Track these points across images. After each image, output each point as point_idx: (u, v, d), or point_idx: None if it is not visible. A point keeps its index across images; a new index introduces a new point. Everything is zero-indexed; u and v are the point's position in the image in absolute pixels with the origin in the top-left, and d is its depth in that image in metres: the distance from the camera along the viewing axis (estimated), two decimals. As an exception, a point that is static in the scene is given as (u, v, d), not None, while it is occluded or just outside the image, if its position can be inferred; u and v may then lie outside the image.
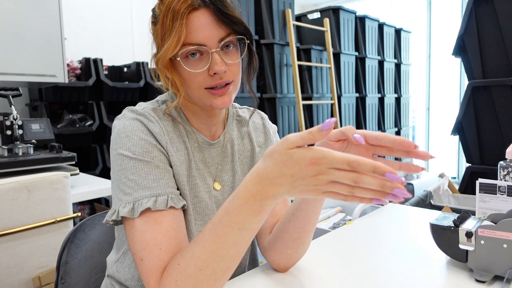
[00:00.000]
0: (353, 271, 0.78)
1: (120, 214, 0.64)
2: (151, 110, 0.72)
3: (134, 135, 0.68)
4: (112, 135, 0.71)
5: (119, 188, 0.66)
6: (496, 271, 0.70)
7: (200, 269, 0.57)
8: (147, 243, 0.62)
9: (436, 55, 4.62)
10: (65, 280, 0.88)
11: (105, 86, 2.59)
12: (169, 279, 0.59)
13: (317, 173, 0.46)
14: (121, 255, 0.78)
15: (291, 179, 0.48)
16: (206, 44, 0.66)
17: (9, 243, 1.11)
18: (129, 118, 0.70)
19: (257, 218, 0.54)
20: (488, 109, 2.19)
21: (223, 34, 0.67)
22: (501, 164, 0.88)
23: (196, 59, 0.68)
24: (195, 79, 0.68)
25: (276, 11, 3.07)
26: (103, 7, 2.99)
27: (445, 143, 4.60)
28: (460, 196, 2.41)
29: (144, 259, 0.62)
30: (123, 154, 0.67)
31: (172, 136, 0.73)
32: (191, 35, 0.65)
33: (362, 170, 0.44)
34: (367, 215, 1.16)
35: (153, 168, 0.67)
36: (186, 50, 0.66)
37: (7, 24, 1.71)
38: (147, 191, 0.65)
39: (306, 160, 0.46)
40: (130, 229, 0.64)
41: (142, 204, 0.63)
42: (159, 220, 0.64)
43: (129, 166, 0.66)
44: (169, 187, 0.67)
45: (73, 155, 1.70)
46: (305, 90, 3.34)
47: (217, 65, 0.66)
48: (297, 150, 0.48)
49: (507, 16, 2.06)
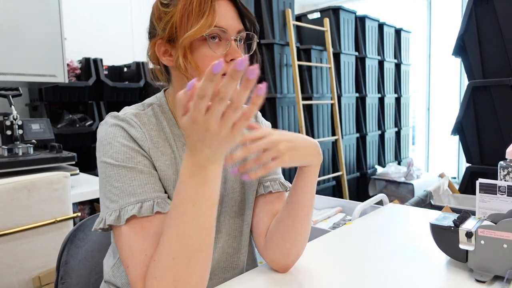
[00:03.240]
0: (353, 271, 0.78)
1: (107, 222, 0.64)
2: (133, 115, 0.72)
3: (116, 141, 0.68)
4: (97, 143, 0.71)
5: (105, 196, 0.67)
6: (496, 271, 0.70)
7: (174, 258, 0.57)
8: (132, 250, 0.62)
9: (436, 55, 4.61)
10: (65, 280, 0.88)
11: (105, 86, 2.59)
12: (149, 278, 0.59)
13: (208, 119, 0.50)
14: (117, 260, 0.78)
15: (202, 141, 0.52)
16: (228, 31, 0.69)
17: (9, 243, 1.11)
18: (110, 124, 0.70)
19: (204, 189, 0.56)
20: (488, 109, 2.19)
21: (240, 27, 0.71)
22: (501, 164, 0.88)
23: (215, 43, 0.69)
24: (211, 62, 0.68)
25: (276, 11, 3.07)
26: (103, 7, 2.99)
27: (445, 143, 4.59)
28: (460, 196, 2.41)
29: (130, 266, 0.62)
30: (106, 162, 0.67)
31: (157, 140, 0.72)
32: (218, 19, 0.67)
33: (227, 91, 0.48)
34: (367, 215, 1.16)
35: (138, 174, 0.66)
36: (212, 32, 0.67)
37: (7, 24, 1.70)
38: (132, 197, 0.64)
39: (194, 118, 0.50)
40: (118, 236, 0.64)
41: (127, 211, 0.63)
42: (145, 226, 0.64)
43: (112, 174, 0.66)
44: (155, 191, 0.67)
45: (73, 155, 1.70)
46: (305, 90, 3.34)
47: (236, 52, 0.68)
48: (185, 116, 0.52)
49: (507, 16, 2.06)
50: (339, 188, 3.58)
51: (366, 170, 3.90)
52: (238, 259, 0.81)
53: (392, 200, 1.48)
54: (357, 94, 3.81)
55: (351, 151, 3.77)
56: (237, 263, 0.81)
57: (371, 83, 3.99)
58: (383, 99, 4.20)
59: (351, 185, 3.71)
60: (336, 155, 3.56)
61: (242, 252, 0.81)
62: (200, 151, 0.54)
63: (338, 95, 3.56)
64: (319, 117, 3.42)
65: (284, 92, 3.11)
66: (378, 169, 3.98)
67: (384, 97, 4.20)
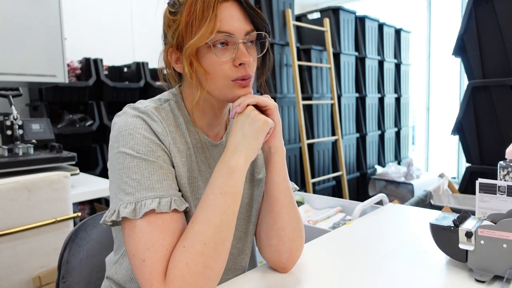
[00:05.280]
0: (353, 271, 0.78)
1: (121, 214, 0.62)
2: (154, 109, 0.70)
3: (137, 133, 0.66)
4: (112, 132, 0.69)
5: (120, 187, 0.64)
6: (496, 271, 0.70)
7: (205, 243, 0.61)
8: (153, 243, 0.61)
9: (436, 55, 4.61)
10: (66, 279, 0.88)
11: (105, 86, 2.59)
12: (179, 265, 0.59)
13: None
14: (119, 257, 0.77)
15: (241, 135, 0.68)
16: (235, 34, 0.67)
17: (9, 243, 1.11)
18: (131, 115, 0.68)
19: (230, 181, 0.65)
20: (488, 109, 2.19)
21: (249, 28, 0.69)
22: (501, 164, 0.88)
23: (222, 49, 0.68)
24: (221, 68, 0.68)
25: (276, 11, 3.07)
26: (103, 7, 2.99)
27: (445, 143, 4.60)
28: (460, 196, 2.41)
29: (147, 260, 0.60)
30: (125, 153, 0.65)
31: (175, 136, 0.71)
32: (222, 24, 0.66)
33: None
34: (367, 215, 1.16)
35: (157, 169, 0.65)
36: (216, 38, 0.66)
37: (7, 24, 1.71)
38: (150, 192, 0.63)
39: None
40: (131, 230, 0.62)
41: (145, 205, 0.62)
42: (166, 222, 0.63)
43: (132, 165, 0.64)
44: (172, 189, 0.66)
45: (73, 155, 1.70)
46: (305, 90, 3.34)
47: (244, 55, 0.67)
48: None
49: (507, 16, 2.06)
50: (339, 188, 3.58)
51: (366, 170, 3.91)
52: (242, 260, 0.81)
53: (392, 200, 1.48)
54: (357, 94, 3.81)
55: (351, 151, 3.77)
56: (241, 264, 0.81)
57: (371, 83, 3.99)
58: (383, 99, 4.20)
59: (351, 185, 3.71)
60: (336, 155, 3.56)
61: (247, 253, 0.81)
62: (233, 150, 0.67)
63: (338, 95, 3.56)
64: (319, 117, 3.42)
65: (284, 92, 3.11)
66: (378, 169, 3.98)
67: (384, 97, 4.20)
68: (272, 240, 0.75)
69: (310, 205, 1.93)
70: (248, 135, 0.68)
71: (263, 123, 0.69)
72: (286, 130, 3.14)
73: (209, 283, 0.61)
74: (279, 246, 0.75)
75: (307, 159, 3.09)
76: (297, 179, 3.25)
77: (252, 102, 0.70)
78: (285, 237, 0.75)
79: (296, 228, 0.76)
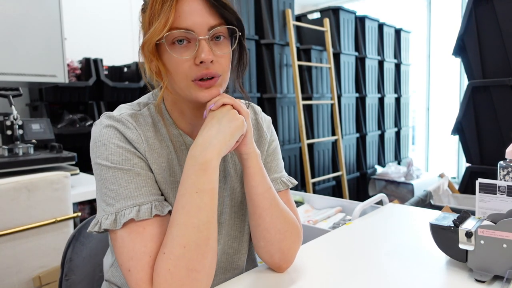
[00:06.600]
0: (353, 271, 0.78)
1: (103, 226, 0.62)
2: (129, 116, 0.69)
3: (111, 143, 0.65)
4: (90, 143, 0.68)
5: (101, 198, 0.65)
6: (496, 271, 0.70)
7: (185, 246, 0.59)
8: (135, 252, 0.61)
9: (436, 55, 4.62)
10: (69, 277, 0.88)
11: (105, 86, 2.59)
12: (162, 272, 0.58)
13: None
14: (115, 260, 0.77)
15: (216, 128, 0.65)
16: (194, 30, 0.63)
17: (9, 243, 1.11)
18: (104, 125, 0.67)
19: (205, 178, 0.62)
20: (488, 109, 2.19)
21: (214, 22, 0.64)
22: (501, 164, 0.88)
23: (182, 46, 0.64)
24: (181, 67, 0.64)
25: (276, 11, 3.07)
26: (103, 7, 2.99)
27: (445, 143, 4.60)
28: (460, 196, 2.41)
29: (132, 270, 0.60)
30: (101, 164, 0.65)
31: (153, 141, 0.69)
32: (180, 19, 0.62)
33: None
34: (367, 215, 1.16)
35: (134, 176, 0.65)
36: (172, 35, 0.62)
37: (7, 24, 1.71)
38: (129, 200, 0.63)
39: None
40: (115, 240, 0.63)
41: (124, 215, 0.62)
42: (146, 229, 0.62)
43: (108, 176, 0.64)
44: (152, 194, 0.66)
45: (73, 155, 1.70)
46: (305, 90, 3.34)
47: (203, 53, 0.62)
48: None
49: (507, 16, 2.06)
50: (339, 188, 3.58)
51: (366, 170, 3.91)
52: (238, 259, 0.80)
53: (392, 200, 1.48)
54: (357, 94, 3.81)
55: (351, 151, 3.77)
56: (238, 263, 0.80)
57: (371, 83, 3.99)
58: (383, 99, 4.20)
59: (351, 185, 3.71)
60: (336, 155, 3.56)
61: (243, 253, 0.81)
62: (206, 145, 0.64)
63: (338, 95, 3.56)
64: (319, 117, 3.42)
65: (284, 92, 3.11)
66: (378, 169, 3.98)
67: (384, 97, 4.20)
68: (260, 241, 0.75)
69: (310, 205, 1.93)
70: (225, 131, 0.64)
71: (242, 124, 0.66)
72: (286, 130, 3.14)
73: (196, 284, 0.60)
74: (267, 248, 0.75)
75: (307, 159, 3.09)
76: (297, 179, 3.25)
77: (228, 103, 0.67)
78: (271, 239, 0.73)
79: (283, 228, 0.73)
